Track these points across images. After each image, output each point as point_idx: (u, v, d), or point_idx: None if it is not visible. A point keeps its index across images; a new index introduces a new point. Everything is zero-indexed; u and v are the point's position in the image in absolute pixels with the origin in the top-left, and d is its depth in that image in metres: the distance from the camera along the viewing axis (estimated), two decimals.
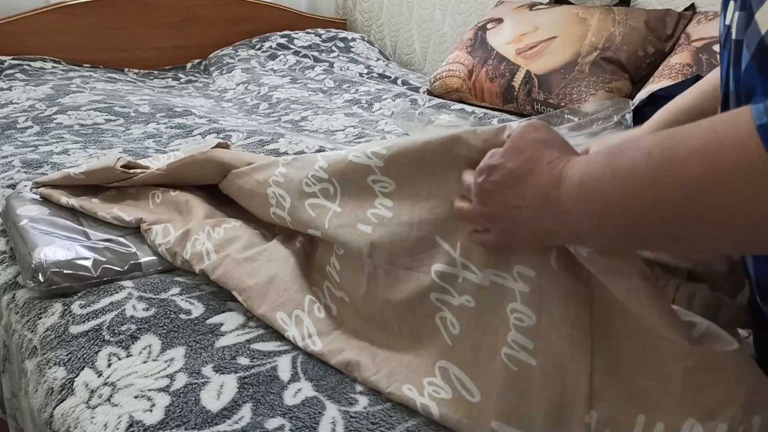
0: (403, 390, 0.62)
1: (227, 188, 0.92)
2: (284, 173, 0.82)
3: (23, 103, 1.65)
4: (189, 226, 0.85)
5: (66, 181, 0.96)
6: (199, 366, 0.67)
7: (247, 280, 0.76)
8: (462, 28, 2.30)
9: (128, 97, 1.76)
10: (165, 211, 0.92)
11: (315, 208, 0.77)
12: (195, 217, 0.88)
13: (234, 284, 0.77)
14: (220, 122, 1.57)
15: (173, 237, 0.85)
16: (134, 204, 0.94)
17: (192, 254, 0.82)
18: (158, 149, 1.36)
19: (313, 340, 0.70)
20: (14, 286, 0.85)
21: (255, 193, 0.86)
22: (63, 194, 0.94)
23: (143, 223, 0.89)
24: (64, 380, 0.67)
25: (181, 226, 0.87)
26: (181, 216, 0.91)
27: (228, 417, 0.61)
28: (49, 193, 0.95)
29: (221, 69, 2.23)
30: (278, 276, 0.76)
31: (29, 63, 2.01)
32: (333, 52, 2.41)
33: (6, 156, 1.27)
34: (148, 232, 0.87)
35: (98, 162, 0.98)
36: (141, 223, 0.89)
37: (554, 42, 1.74)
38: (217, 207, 0.92)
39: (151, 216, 0.90)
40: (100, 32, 2.23)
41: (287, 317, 0.73)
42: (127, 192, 0.97)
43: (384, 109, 1.78)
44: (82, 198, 0.94)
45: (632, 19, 1.68)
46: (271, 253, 0.80)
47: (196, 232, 0.84)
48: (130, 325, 0.73)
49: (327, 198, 0.76)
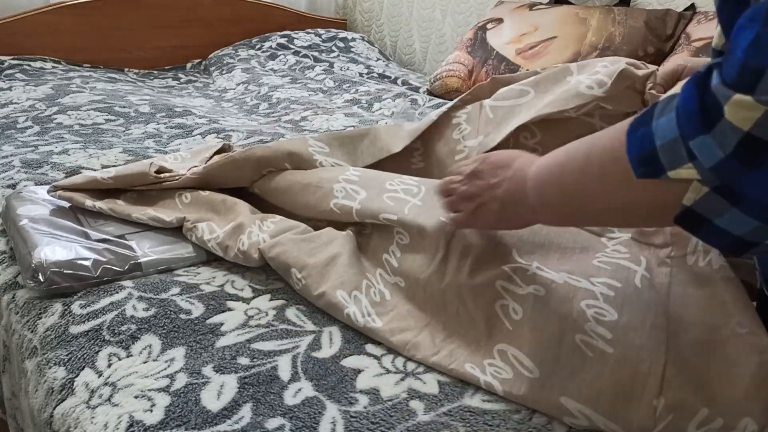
0: (466, 368, 0.66)
1: (265, 185, 0.93)
2: (360, 174, 0.87)
3: (23, 103, 1.65)
4: (240, 221, 0.87)
5: (90, 185, 0.95)
6: (200, 366, 0.67)
7: (308, 258, 0.80)
8: (462, 28, 2.30)
9: (128, 97, 1.76)
10: (198, 210, 0.93)
11: (394, 199, 0.82)
12: (241, 212, 0.89)
13: (294, 261, 0.79)
14: (220, 122, 1.57)
15: (222, 232, 0.86)
16: (164, 205, 0.94)
17: (249, 245, 0.83)
18: (158, 149, 1.36)
19: (373, 318, 0.73)
20: (14, 286, 0.85)
21: (314, 186, 0.88)
22: (87, 197, 0.94)
23: (186, 221, 0.89)
24: (64, 380, 0.67)
25: (223, 223, 0.88)
26: (218, 215, 0.91)
27: (228, 417, 0.61)
28: (71, 196, 0.94)
29: (221, 69, 2.23)
30: (338, 258, 0.80)
31: (29, 63, 2.01)
32: (333, 52, 2.41)
33: (6, 156, 1.27)
34: (193, 230, 0.88)
35: (128, 167, 0.97)
36: (184, 222, 0.89)
37: (554, 42, 1.74)
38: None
39: (192, 215, 0.91)
40: (100, 32, 2.23)
41: (347, 296, 0.76)
42: (148, 194, 0.97)
43: (384, 109, 1.78)
44: (107, 201, 0.94)
45: (632, 19, 1.67)
46: (329, 236, 0.84)
47: (249, 225, 0.86)
48: (131, 325, 0.73)
49: (409, 195, 0.82)
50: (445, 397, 0.64)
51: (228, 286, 0.82)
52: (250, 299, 0.80)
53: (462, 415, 0.62)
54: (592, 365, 0.61)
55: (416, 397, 0.64)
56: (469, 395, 0.64)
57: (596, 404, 0.59)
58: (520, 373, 0.64)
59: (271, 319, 0.76)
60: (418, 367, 0.68)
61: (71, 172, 1.19)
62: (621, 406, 0.59)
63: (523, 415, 0.62)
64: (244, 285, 0.83)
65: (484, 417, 0.61)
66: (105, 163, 1.24)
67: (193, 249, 0.88)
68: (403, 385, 0.65)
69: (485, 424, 0.60)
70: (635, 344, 0.61)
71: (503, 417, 0.61)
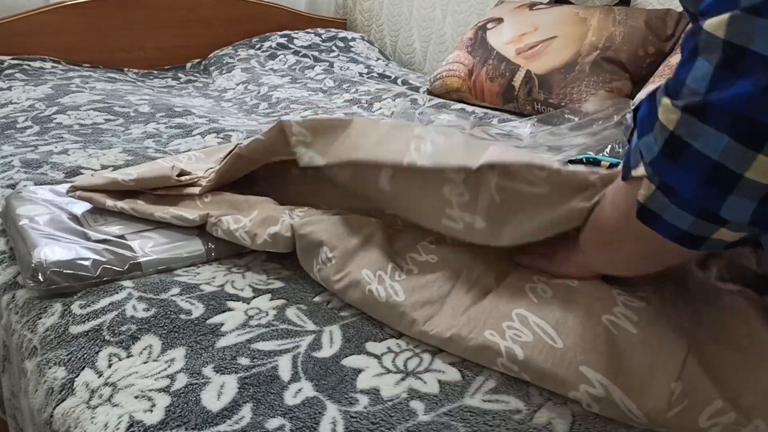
0: (486, 335, 0.66)
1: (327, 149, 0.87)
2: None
3: (23, 103, 1.65)
4: (269, 213, 0.88)
5: (111, 187, 0.95)
6: (200, 366, 0.67)
7: (339, 240, 0.80)
8: (462, 27, 2.30)
9: (128, 97, 1.76)
10: (219, 208, 0.93)
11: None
12: (266, 208, 0.90)
13: (327, 239, 0.81)
14: (219, 122, 1.57)
15: (249, 220, 0.87)
16: (185, 204, 0.95)
17: (281, 227, 0.85)
18: (158, 149, 1.36)
19: (396, 291, 0.74)
20: (14, 286, 0.85)
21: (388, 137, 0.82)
22: (107, 198, 0.94)
23: (210, 217, 0.89)
24: (64, 380, 0.67)
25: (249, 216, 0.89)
26: (242, 212, 0.91)
27: (228, 417, 0.61)
28: (90, 196, 0.94)
29: (221, 69, 2.23)
30: (369, 242, 0.81)
31: (29, 63, 2.01)
32: (333, 51, 2.41)
33: (6, 156, 1.27)
34: (218, 224, 0.88)
35: (150, 169, 0.97)
36: (208, 218, 0.90)
37: (554, 42, 1.74)
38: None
39: (215, 211, 0.91)
40: (100, 32, 2.23)
41: (372, 274, 0.77)
42: (168, 195, 0.97)
43: (384, 109, 1.78)
44: (127, 201, 0.94)
45: (632, 19, 1.67)
46: (360, 222, 0.84)
47: (279, 216, 0.87)
48: (131, 325, 0.73)
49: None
50: (445, 397, 0.64)
51: (228, 286, 0.82)
52: (251, 299, 0.80)
53: (462, 415, 0.61)
54: (616, 344, 0.62)
55: (416, 397, 0.63)
56: (470, 395, 0.64)
57: (615, 378, 0.60)
58: (542, 339, 0.64)
59: (272, 319, 0.76)
60: (418, 366, 0.68)
61: (71, 172, 1.19)
62: (639, 384, 0.59)
63: (524, 415, 0.62)
64: (244, 285, 0.83)
65: (485, 417, 0.61)
66: (105, 163, 1.24)
67: (193, 249, 0.88)
68: (403, 385, 0.65)
69: (485, 424, 0.60)
70: (660, 330, 0.62)
71: (503, 417, 0.61)
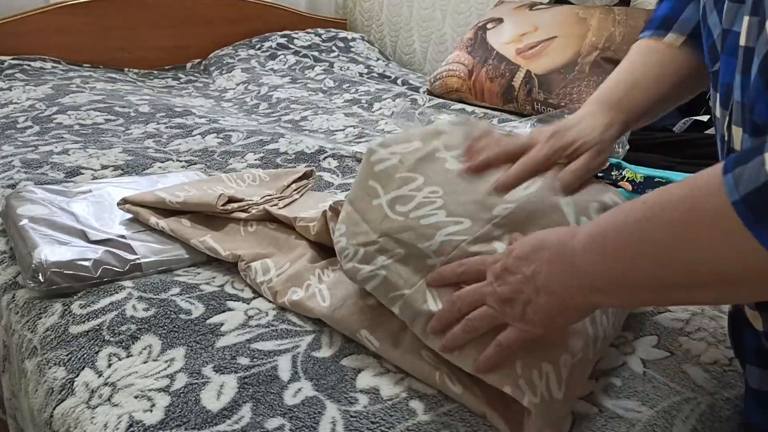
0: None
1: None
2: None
3: (23, 103, 1.65)
4: (297, 268, 0.82)
5: (159, 205, 0.95)
6: (200, 366, 0.67)
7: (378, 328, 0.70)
8: (462, 28, 2.30)
9: (128, 97, 1.76)
10: (259, 243, 0.90)
11: None
12: (303, 255, 0.85)
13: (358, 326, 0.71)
14: (219, 122, 1.57)
15: (274, 275, 0.82)
16: (225, 231, 0.92)
17: (304, 296, 0.77)
18: (158, 149, 1.36)
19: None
20: (14, 286, 0.85)
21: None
22: (152, 215, 0.94)
23: (241, 261, 0.85)
24: (64, 380, 0.67)
25: (282, 262, 0.84)
26: (280, 252, 0.88)
27: (228, 417, 0.61)
28: (137, 211, 0.94)
29: (221, 69, 2.23)
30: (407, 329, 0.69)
31: (29, 63, 2.01)
32: (333, 52, 2.41)
33: (6, 156, 1.27)
34: (247, 270, 0.84)
35: (198, 194, 0.96)
36: (239, 260, 0.85)
37: (554, 42, 1.74)
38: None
39: (247, 252, 0.86)
40: (100, 32, 2.23)
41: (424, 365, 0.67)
42: (217, 217, 0.95)
43: (384, 109, 1.78)
44: (171, 220, 0.93)
45: (632, 19, 1.67)
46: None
47: (307, 276, 0.80)
48: (131, 325, 0.73)
49: None
50: (445, 397, 0.64)
51: (228, 287, 0.82)
52: (250, 299, 0.80)
53: (462, 415, 0.62)
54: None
55: (416, 397, 0.64)
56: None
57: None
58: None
59: (271, 319, 0.76)
60: None
61: (71, 172, 1.19)
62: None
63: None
64: (244, 285, 0.83)
65: (484, 417, 0.61)
66: (105, 163, 1.24)
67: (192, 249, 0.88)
68: (403, 385, 0.65)
69: (485, 425, 0.60)
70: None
71: None
